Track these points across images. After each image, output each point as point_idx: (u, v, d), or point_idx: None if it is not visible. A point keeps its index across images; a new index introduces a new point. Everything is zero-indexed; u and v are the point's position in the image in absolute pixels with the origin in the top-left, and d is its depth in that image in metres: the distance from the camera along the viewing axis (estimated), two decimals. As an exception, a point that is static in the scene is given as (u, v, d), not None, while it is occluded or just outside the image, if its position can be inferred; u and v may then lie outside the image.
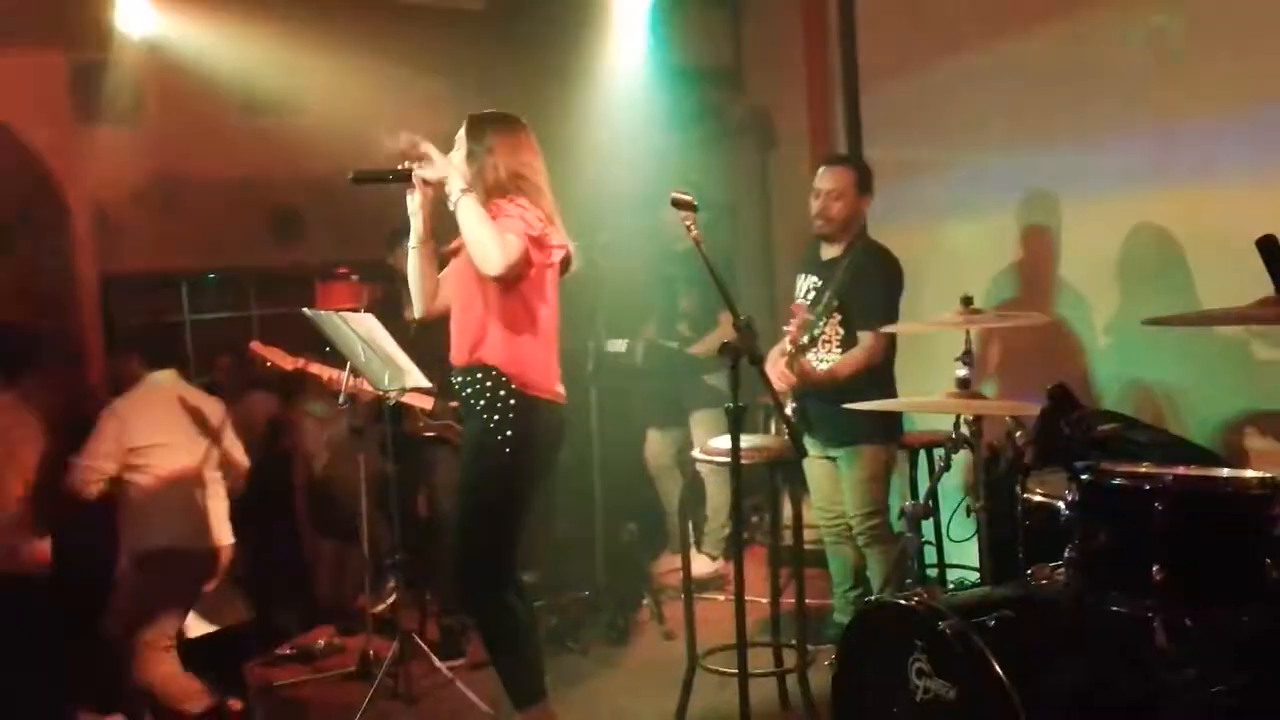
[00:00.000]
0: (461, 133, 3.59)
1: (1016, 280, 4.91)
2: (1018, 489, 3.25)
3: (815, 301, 4.43)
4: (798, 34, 6.22)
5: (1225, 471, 2.88)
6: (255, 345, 4.75)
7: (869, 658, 3.04)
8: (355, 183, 3.48)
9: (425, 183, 3.48)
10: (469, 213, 3.35)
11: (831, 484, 4.48)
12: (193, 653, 4.23)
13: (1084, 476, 2.84)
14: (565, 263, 3.63)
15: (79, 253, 5.41)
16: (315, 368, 4.65)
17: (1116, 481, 2.79)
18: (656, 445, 5.74)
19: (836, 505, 4.49)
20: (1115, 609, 2.75)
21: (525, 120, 3.63)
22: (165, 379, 4.31)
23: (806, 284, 4.51)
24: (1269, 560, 2.62)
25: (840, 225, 4.43)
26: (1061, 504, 2.94)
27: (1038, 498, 3.19)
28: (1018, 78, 4.80)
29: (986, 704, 2.63)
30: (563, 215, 3.62)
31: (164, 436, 4.17)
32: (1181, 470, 2.84)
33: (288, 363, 4.74)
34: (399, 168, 3.47)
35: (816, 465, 4.50)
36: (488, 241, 3.33)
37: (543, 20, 6.24)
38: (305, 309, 4.16)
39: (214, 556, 4.24)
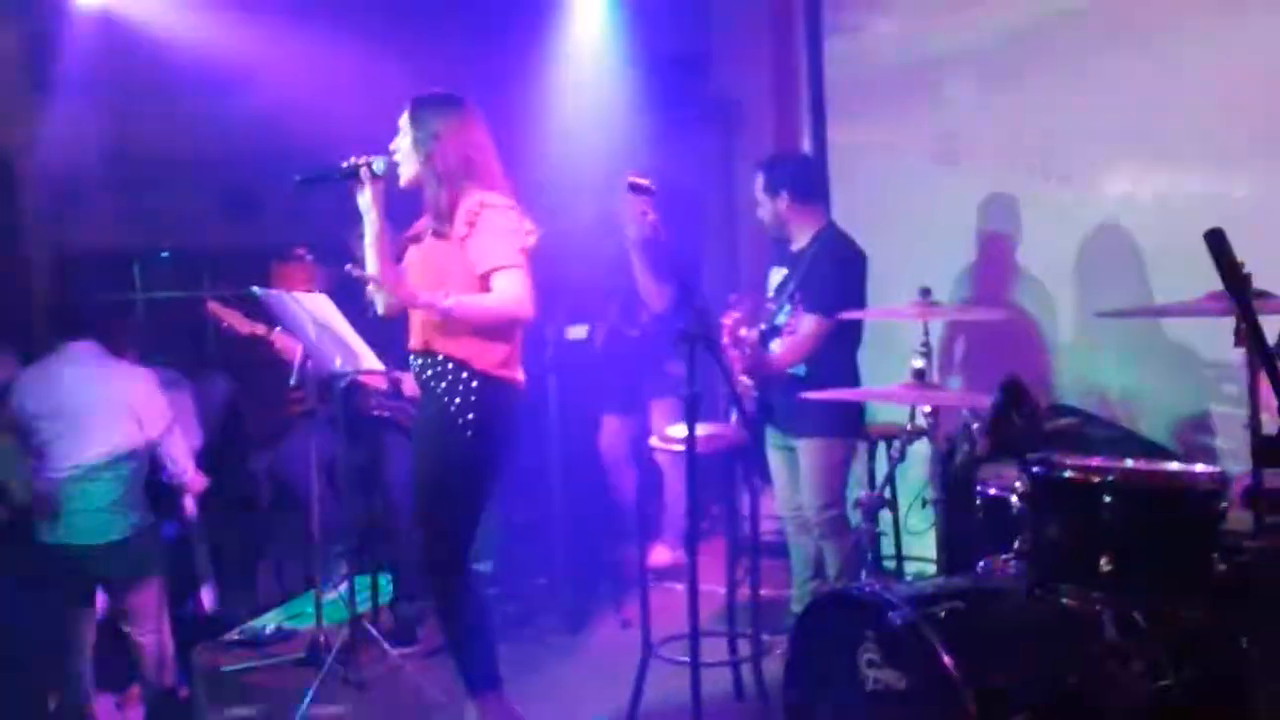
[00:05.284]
0: (404, 119, 3.54)
1: (979, 274, 4.91)
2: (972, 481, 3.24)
3: (779, 292, 4.43)
4: (765, 20, 6.19)
5: (1175, 466, 2.88)
6: (213, 305, 4.72)
7: (820, 647, 3.02)
8: (301, 186, 3.46)
9: (375, 178, 3.45)
10: (470, 312, 3.37)
11: (791, 474, 4.46)
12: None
13: (1035, 469, 2.84)
14: None
15: (31, 229, 5.31)
16: (274, 336, 4.61)
17: (1066, 474, 2.80)
18: (613, 433, 5.71)
19: (797, 495, 4.48)
20: (1065, 601, 2.75)
21: (468, 99, 3.57)
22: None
23: (778, 276, 4.50)
24: (1216, 555, 2.63)
25: (773, 226, 4.44)
26: (1014, 496, 2.94)
27: (991, 490, 3.19)
28: (984, 68, 4.79)
29: (936, 695, 2.62)
30: (522, 199, 3.59)
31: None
32: (1131, 464, 2.85)
33: (245, 326, 4.71)
34: (344, 165, 3.45)
35: (777, 455, 4.48)
36: (505, 314, 3.40)
37: (507, 1, 6.18)
38: (255, 287, 4.10)
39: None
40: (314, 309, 4.15)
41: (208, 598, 4.81)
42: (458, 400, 3.42)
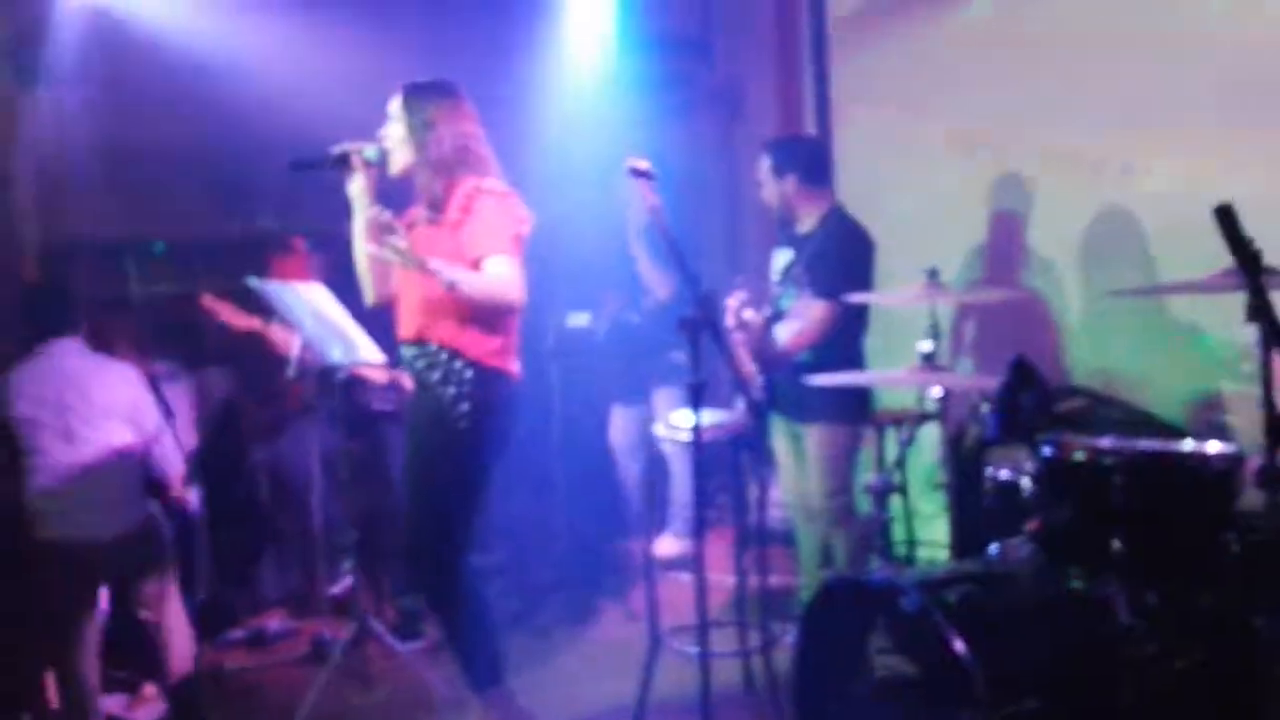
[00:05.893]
0: (396, 106, 3.49)
1: (988, 255, 4.85)
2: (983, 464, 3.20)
3: (784, 275, 4.37)
4: (768, 1, 6.13)
5: (1187, 446, 2.82)
6: (208, 300, 4.68)
7: (829, 635, 2.99)
8: (293, 172, 3.46)
9: (367, 165, 3.45)
10: (469, 289, 3.28)
11: (798, 461, 4.41)
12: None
13: (1045, 451, 2.78)
14: None
15: (21, 221, 5.27)
16: (271, 329, 4.57)
17: (1077, 456, 2.74)
18: (620, 423, 5.66)
19: (803, 482, 4.43)
20: (1076, 584, 2.70)
21: (459, 86, 3.54)
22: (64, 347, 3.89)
23: (782, 258, 4.44)
24: (1229, 535, 2.57)
25: (778, 209, 4.40)
26: (1024, 479, 2.90)
27: (1002, 473, 3.14)
28: (992, 45, 4.74)
29: (947, 681, 2.58)
30: (522, 185, 3.54)
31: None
32: (1143, 444, 2.79)
33: (240, 320, 4.66)
34: (335, 152, 3.46)
35: (783, 442, 4.43)
36: (498, 296, 3.33)
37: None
38: (252, 279, 4.05)
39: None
40: (311, 300, 4.10)
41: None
42: (451, 390, 3.37)
